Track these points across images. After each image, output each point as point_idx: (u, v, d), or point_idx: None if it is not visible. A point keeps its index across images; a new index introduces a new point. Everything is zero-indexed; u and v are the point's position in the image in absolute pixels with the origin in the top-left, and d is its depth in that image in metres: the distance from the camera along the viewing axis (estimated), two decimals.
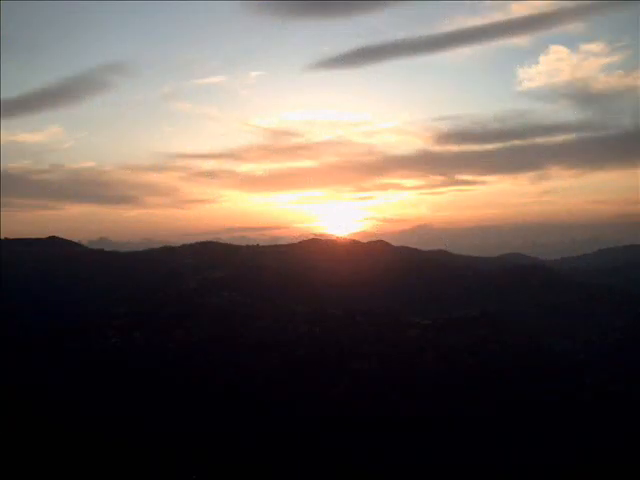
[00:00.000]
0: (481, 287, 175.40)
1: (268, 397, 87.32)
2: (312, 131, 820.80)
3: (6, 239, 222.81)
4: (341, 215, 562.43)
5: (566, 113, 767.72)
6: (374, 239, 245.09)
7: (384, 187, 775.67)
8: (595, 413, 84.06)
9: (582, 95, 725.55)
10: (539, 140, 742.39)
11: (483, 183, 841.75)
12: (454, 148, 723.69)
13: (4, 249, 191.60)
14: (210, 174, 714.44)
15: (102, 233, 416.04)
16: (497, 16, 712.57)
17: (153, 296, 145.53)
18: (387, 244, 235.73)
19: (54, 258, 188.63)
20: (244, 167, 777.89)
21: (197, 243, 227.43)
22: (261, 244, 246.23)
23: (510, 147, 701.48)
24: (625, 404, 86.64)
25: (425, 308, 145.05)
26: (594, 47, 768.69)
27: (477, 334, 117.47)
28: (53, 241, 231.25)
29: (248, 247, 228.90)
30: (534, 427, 79.64)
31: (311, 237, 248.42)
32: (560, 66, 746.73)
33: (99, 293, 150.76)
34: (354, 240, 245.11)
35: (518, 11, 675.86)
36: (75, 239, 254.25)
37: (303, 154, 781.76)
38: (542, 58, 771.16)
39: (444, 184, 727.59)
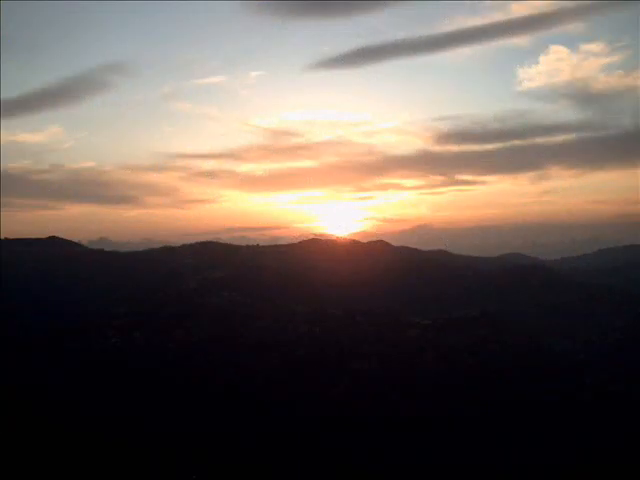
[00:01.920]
0: (481, 287, 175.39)
1: (268, 397, 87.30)
2: (312, 131, 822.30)
3: (6, 239, 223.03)
4: (341, 215, 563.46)
5: (566, 113, 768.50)
6: (374, 239, 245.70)
7: (384, 187, 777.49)
8: (595, 413, 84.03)
9: (582, 95, 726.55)
10: (539, 140, 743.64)
11: (483, 183, 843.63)
12: (454, 148, 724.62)
13: (4, 249, 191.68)
14: (210, 174, 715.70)
15: (102, 233, 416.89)
16: (497, 16, 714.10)
17: (153, 296, 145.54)
18: (387, 244, 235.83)
19: (54, 258, 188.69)
20: (244, 167, 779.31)
21: (197, 243, 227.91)
22: (261, 244, 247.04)
23: (510, 147, 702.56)
24: (625, 404, 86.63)
25: (425, 308, 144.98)
26: (594, 47, 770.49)
27: (477, 334, 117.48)
28: (53, 241, 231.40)
29: (248, 247, 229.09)
30: (534, 427, 79.59)
31: (311, 237, 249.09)
32: (560, 66, 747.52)
33: (99, 293, 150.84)
34: (354, 240, 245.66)
35: (518, 11, 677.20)
36: (75, 239, 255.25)
37: (303, 154, 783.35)
38: (542, 58, 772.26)
39: (444, 184, 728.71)
